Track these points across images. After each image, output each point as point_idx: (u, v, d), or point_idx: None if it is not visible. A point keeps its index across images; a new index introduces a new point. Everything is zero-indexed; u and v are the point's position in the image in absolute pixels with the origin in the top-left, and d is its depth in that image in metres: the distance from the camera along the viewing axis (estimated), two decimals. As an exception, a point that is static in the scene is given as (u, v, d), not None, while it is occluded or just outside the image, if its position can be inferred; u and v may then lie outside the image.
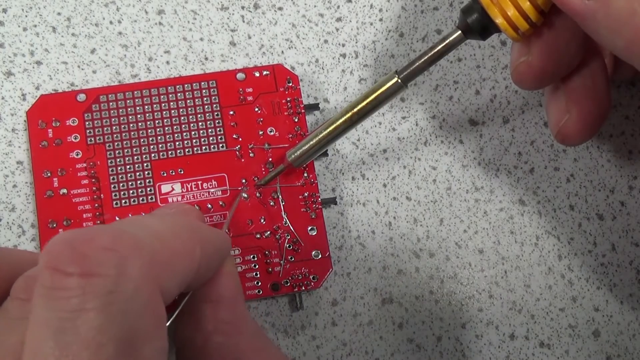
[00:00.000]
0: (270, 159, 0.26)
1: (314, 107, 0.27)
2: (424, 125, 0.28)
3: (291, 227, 0.25)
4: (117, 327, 0.15)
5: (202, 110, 0.26)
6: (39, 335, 0.15)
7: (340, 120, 0.24)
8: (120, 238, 0.16)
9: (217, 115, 0.26)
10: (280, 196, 0.25)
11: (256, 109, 0.26)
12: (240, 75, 0.26)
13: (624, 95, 0.28)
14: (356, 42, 0.28)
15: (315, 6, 0.28)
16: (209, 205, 0.25)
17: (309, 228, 0.25)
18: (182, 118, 0.26)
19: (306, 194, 0.25)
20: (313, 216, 0.25)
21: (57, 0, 0.28)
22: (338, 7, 0.28)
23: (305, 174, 0.26)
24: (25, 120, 0.26)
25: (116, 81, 0.27)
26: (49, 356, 0.14)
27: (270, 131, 0.26)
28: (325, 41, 0.28)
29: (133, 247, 0.16)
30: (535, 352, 0.26)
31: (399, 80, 0.23)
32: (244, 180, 0.25)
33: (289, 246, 0.25)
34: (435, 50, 0.22)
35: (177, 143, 0.25)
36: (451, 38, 0.22)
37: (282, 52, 0.28)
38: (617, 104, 0.28)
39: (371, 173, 0.27)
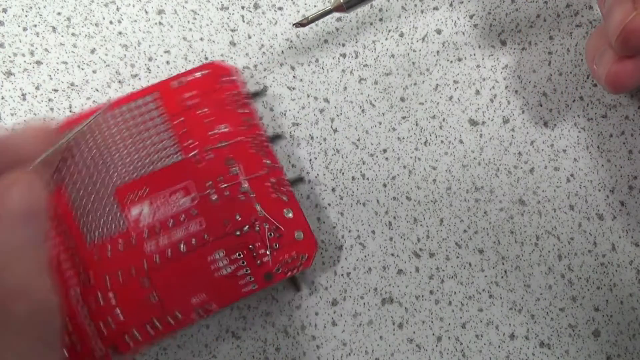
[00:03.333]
0: (230, 155, 0.25)
1: (261, 93, 0.26)
2: (424, 125, 0.28)
3: (267, 216, 0.25)
4: None
5: (151, 125, 0.25)
6: None
7: None
8: None
9: (167, 126, 0.25)
10: (248, 187, 0.25)
11: (202, 111, 0.25)
12: (173, 84, 0.25)
13: (624, 95, 0.28)
14: (356, 42, 0.28)
15: (315, 6, 0.28)
16: (182, 217, 0.24)
17: (285, 211, 0.25)
18: (134, 137, 0.25)
19: (273, 180, 0.25)
20: (285, 199, 0.25)
21: (57, 0, 0.28)
22: (338, 7, 0.28)
23: (268, 161, 0.25)
24: (25, 121, 0.26)
25: (116, 81, 0.27)
26: None
27: (223, 128, 0.25)
28: (325, 41, 0.28)
29: None
30: (535, 352, 0.26)
31: None
32: (209, 183, 0.25)
33: (271, 235, 0.25)
34: None
35: (135, 164, 0.25)
36: None
37: (282, 52, 0.28)
38: (617, 104, 0.28)
39: (371, 173, 0.27)
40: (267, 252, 0.25)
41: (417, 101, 0.28)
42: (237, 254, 0.24)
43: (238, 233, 0.25)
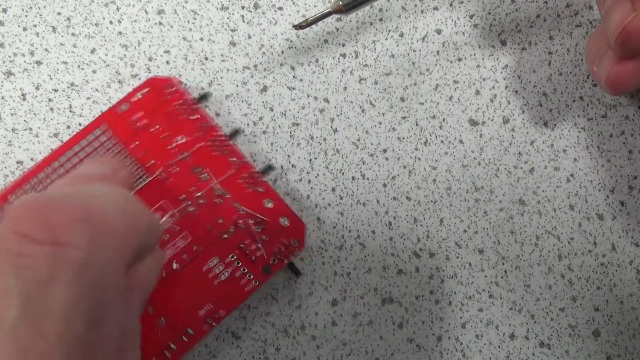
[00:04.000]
0: (195, 164, 0.25)
1: (204, 97, 0.26)
2: (424, 125, 0.28)
3: (249, 211, 0.25)
4: (88, 301, 0.14)
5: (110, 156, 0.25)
6: (4, 303, 0.14)
7: None
8: (90, 210, 0.15)
9: (125, 153, 0.25)
10: (222, 189, 0.25)
11: (155, 128, 0.25)
12: (122, 107, 0.25)
13: (624, 95, 0.28)
14: (356, 42, 0.28)
15: (315, 6, 0.28)
16: (166, 236, 0.24)
17: (265, 202, 0.25)
18: None
19: (244, 176, 0.25)
20: (262, 190, 0.25)
21: (57, 0, 0.28)
22: (338, 7, 0.28)
23: (234, 159, 0.25)
24: (25, 121, 0.26)
25: (116, 81, 0.27)
26: (15, 328, 0.13)
27: (180, 139, 0.25)
28: (325, 41, 0.28)
29: (103, 221, 0.15)
30: (535, 352, 0.26)
31: None
32: (183, 196, 0.25)
33: (258, 229, 0.25)
34: None
35: None
36: None
37: (282, 52, 0.28)
38: (617, 104, 0.28)
39: (371, 173, 0.27)
40: (259, 246, 0.25)
41: (417, 101, 0.28)
42: (231, 257, 0.24)
43: (225, 236, 0.25)
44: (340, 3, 0.24)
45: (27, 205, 0.15)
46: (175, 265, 0.24)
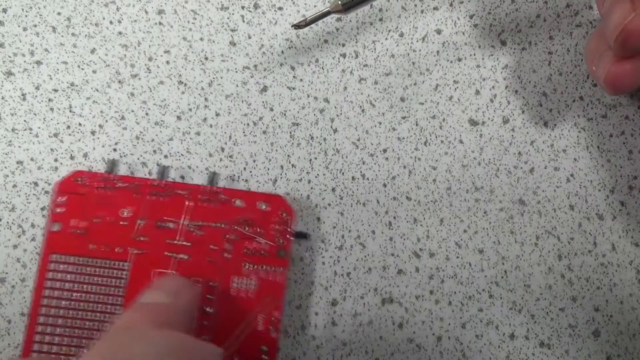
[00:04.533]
0: (159, 221, 0.25)
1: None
2: (424, 125, 0.28)
3: (228, 222, 0.25)
4: None
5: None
6: None
7: None
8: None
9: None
10: (194, 225, 0.25)
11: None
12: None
13: (624, 95, 0.28)
14: (356, 42, 0.28)
15: (315, 6, 0.28)
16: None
17: (235, 203, 0.25)
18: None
19: (200, 197, 0.25)
20: (224, 198, 0.25)
21: (57, 0, 0.28)
22: (338, 7, 0.28)
23: (184, 191, 0.25)
24: (25, 121, 0.26)
25: (116, 81, 0.27)
26: None
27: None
28: (325, 41, 0.28)
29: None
30: (535, 352, 0.26)
31: None
32: (166, 253, 0.25)
33: (247, 229, 0.25)
34: None
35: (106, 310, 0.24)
36: None
37: (282, 52, 0.28)
38: (617, 104, 0.28)
39: (371, 173, 0.27)
40: (260, 241, 0.25)
41: (417, 101, 0.28)
42: (245, 267, 0.25)
43: (227, 255, 0.25)
44: (340, 2, 0.24)
45: None
46: (210, 310, 0.24)
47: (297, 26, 0.25)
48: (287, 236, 0.25)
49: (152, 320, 0.20)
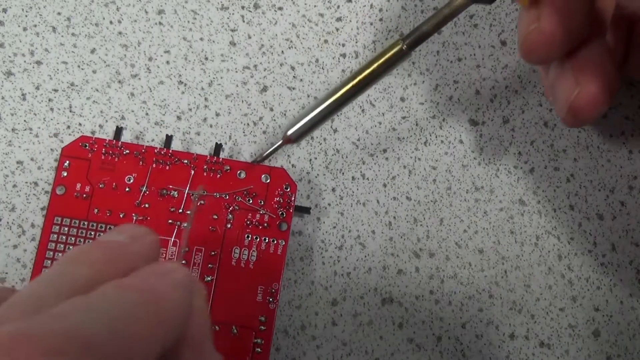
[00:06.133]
0: (162, 188, 0.25)
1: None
2: (424, 125, 0.28)
3: (232, 192, 0.25)
4: None
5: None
6: None
7: (344, 90, 0.23)
8: (69, 341, 0.13)
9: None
10: (198, 193, 0.25)
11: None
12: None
13: (624, 95, 0.28)
14: (356, 42, 0.28)
15: (315, 6, 0.28)
16: (184, 261, 0.25)
17: (238, 175, 0.25)
18: None
19: (206, 167, 0.25)
20: (227, 169, 0.25)
21: (57, 0, 0.28)
22: (338, 7, 0.28)
23: (186, 161, 0.26)
24: (25, 121, 0.26)
25: (116, 81, 0.27)
26: None
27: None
28: (325, 41, 0.28)
29: (84, 348, 0.13)
30: (535, 352, 0.26)
31: (404, 47, 0.22)
32: (170, 221, 0.25)
33: (249, 200, 0.25)
34: (442, 14, 0.22)
35: None
36: (457, 1, 0.22)
37: (282, 52, 0.28)
38: (617, 104, 0.28)
39: (371, 173, 0.27)
40: (261, 212, 0.25)
41: (417, 101, 0.28)
42: (247, 237, 0.25)
43: (229, 225, 0.25)
44: (288, 134, 0.24)
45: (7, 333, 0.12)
46: (209, 278, 0.25)
47: (255, 162, 0.26)
48: (288, 209, 0.25)
49: (103, 254, 0.18)
